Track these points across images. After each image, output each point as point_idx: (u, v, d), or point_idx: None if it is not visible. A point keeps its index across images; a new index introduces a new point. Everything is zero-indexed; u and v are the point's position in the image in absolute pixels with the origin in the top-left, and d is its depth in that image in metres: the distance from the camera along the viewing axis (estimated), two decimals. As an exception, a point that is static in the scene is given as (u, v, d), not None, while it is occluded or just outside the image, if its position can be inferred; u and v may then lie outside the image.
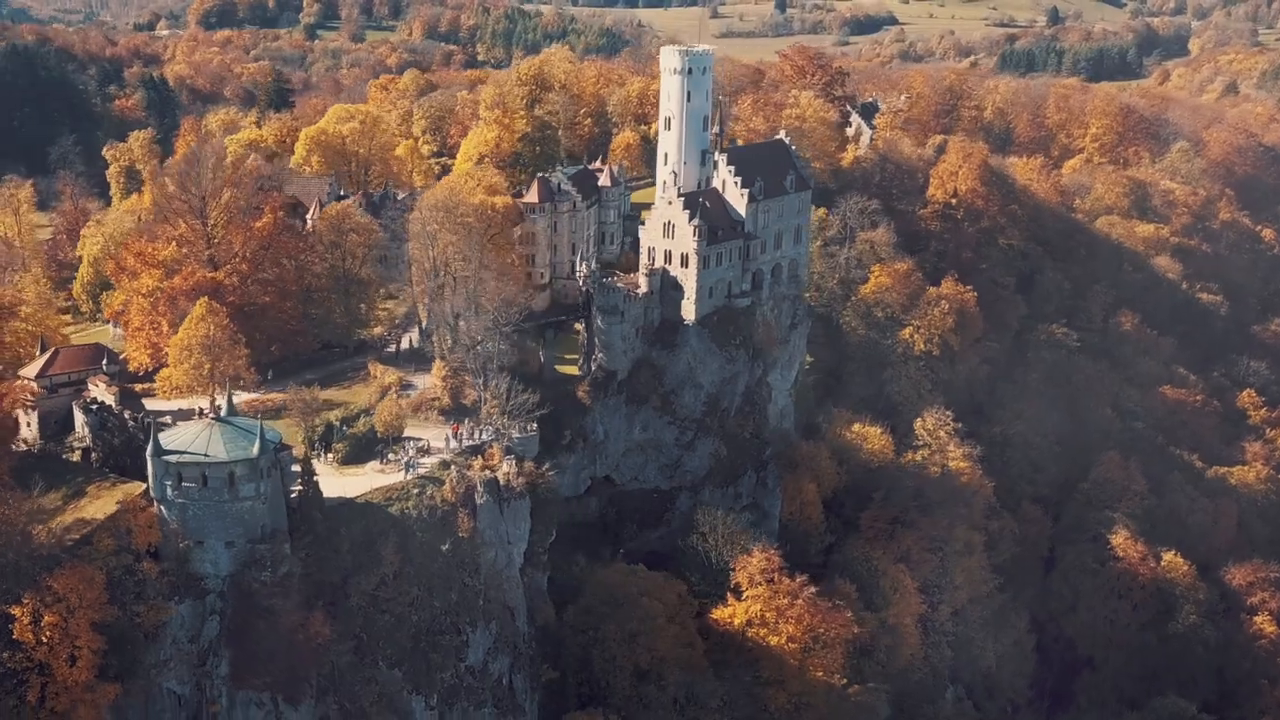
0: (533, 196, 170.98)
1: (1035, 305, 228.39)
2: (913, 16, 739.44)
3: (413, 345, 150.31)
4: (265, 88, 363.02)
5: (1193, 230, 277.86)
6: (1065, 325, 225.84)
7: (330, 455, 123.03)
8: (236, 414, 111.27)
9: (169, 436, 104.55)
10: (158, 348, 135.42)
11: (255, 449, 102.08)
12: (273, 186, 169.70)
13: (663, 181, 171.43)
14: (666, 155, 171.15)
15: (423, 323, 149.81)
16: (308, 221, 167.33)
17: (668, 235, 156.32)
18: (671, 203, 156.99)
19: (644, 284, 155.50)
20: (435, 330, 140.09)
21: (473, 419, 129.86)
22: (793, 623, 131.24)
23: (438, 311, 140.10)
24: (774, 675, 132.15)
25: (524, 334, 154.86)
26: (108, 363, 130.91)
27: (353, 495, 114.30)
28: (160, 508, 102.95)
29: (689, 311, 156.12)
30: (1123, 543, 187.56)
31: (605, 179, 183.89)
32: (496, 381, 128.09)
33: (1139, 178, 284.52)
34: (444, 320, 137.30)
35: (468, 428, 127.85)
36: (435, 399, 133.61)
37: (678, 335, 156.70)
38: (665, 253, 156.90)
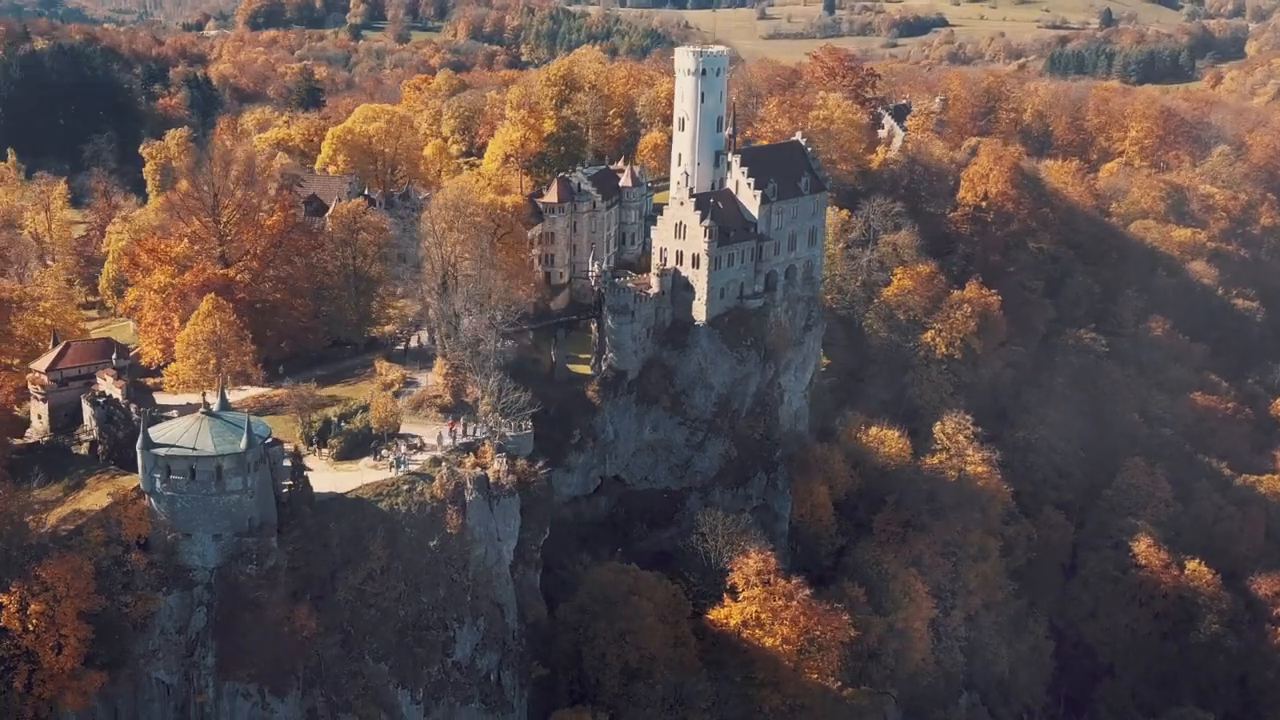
0: (552, 196, 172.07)
1: (1064, 309, 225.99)
2: (963, 18, 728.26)
3: (421, 343, 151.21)
4: (297, 88, 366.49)
5: (1231, 235, 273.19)
6: (1094, 330, 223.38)
7: (326, 451, 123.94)
8: (230, 409, 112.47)
9: (159, 430, 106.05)
10: (169, 343, 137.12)
11: (242, 443, 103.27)
12: (292, 185, 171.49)
13: (675, 182, 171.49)
14: (680, 156, 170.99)
15: (431, 320, 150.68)
16: (326, 220, 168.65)
17: (679, 236, 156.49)
18: (683, 203, 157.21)
19: (655, 284, 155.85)
20: (438, 328, 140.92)
21: (469, 416, 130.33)
22: (788, 624, 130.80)
23: (442, 309, 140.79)
24: (769, 676, 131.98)
25: (537, 333, 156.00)
26: (117, 357, 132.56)
27: (344, 490, 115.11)
28: (150, 500, 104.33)
29: (700, 312, 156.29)
30: (1145, 550, 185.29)
31: (626, 179, 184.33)
32: (491, 380, 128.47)
33: (1176, 182, 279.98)
34: (447, 318, 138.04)
35: (463, 425, 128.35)
36: (436, 396, 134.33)
37: (689, 336, 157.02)
38: (677, 253, 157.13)
